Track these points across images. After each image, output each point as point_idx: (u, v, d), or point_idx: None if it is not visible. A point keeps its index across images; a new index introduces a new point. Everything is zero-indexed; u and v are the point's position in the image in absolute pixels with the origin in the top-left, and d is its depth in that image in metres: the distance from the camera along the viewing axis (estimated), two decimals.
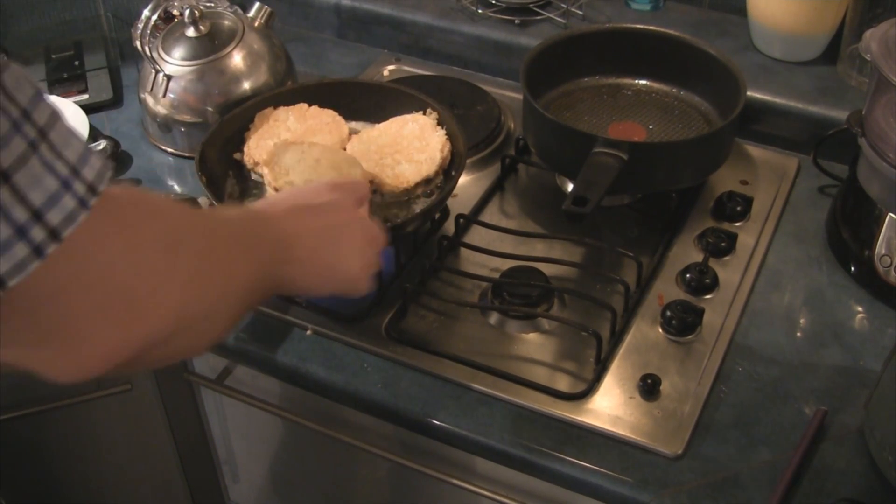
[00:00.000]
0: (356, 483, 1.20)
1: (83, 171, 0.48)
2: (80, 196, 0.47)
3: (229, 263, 0.61)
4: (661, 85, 1.24)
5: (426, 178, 1.05)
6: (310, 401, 1.01)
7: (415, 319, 1.01)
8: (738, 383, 0.93)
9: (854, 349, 0.96)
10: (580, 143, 1.04)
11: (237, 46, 1.20)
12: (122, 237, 0.51)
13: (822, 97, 1.20)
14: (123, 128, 1.30)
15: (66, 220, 0.46)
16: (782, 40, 1.25)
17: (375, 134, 1.11)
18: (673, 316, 0.97)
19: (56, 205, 0.46)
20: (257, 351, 1.00)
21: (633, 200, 1.14)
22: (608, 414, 0.90)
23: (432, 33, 1.40)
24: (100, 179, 0.49)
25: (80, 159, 0.48)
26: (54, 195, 0.46)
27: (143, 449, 1.25)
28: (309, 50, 1.45)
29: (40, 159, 0.45)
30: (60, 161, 0.46)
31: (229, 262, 0.61)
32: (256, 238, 0.68)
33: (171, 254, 0.54)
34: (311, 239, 0.73)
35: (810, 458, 0.85)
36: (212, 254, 0.59)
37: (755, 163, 1.20)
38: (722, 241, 1.06)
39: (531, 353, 0.96)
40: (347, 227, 0.77)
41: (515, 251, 1.05)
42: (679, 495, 0.83)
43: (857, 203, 1.04)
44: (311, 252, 0.73)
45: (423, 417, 0.92)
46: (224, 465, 1.31)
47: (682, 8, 1.38)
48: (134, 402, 1.17)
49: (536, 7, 1.37)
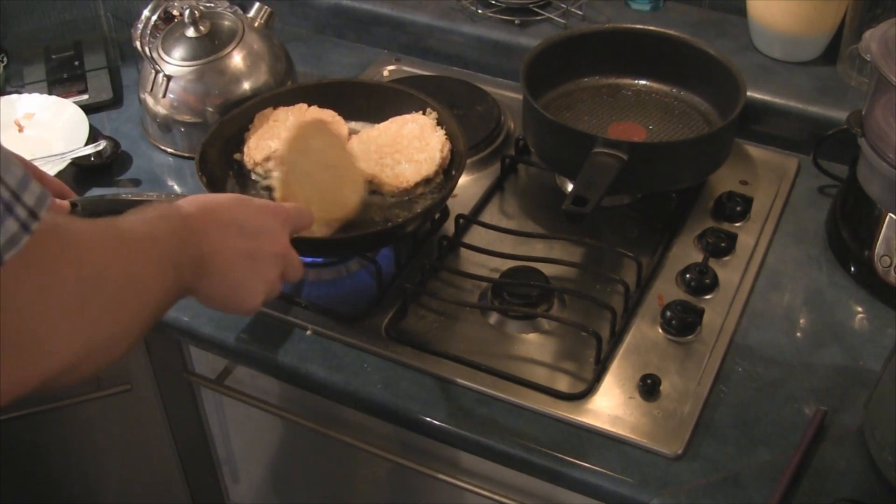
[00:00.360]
0: (356, 483, 1.20)
1: (23, 196, 0.48)
2: (23, 220, 0.48)
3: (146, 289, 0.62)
4: (661, 85, 1.24)
5: (426, 177, 1.05)
6: (310, 401, 1.02)
7: (415, 319, 1.01)
8: (738, 383, 0.93)
9: (854, 349, 0.96)
10: (580, 143, 1.04)
11: (237, 47, 1.20)
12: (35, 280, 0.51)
13: (821, 97, 1.20)
14: (123, 128, 1.30)
15: (8, 243, 0.47)
16: (782, 40, 1.25)
17: (375, 134, 1.11)
18: (673, 316, 0.97)
19: None
20: (257, 351, 1.00)
21: (633, 200, 1.14)
22: (608, 414, 0.90)
23: (432, 33, 1.40)
24: (40, 205, 0.49)
25: (20, 184, 0.48)
26: None
27: (143, 449, 1.25)
28: (309, 50, 1.45)
29: None
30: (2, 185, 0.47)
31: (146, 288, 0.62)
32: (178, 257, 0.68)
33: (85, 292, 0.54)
34: (230, 258, 0.74)
35: (810, 458, 0.85)
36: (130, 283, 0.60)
37: (755, 163, 1.20)
38: (722, 242, 1.06)
39: (531, 353, 0.96)
40: (268, 258, 0.78)
41: (515, 251, 1.05)
42: (679, 495, 0.83)
43: (856, 203, 1.04)
44: (224, 271, 0.74)
45: (423, 417, 0.92)
46: (224, 465, 1.31)
47: (682, 8, 1.38)
48: (134, 402, 1.17)
49: (536, 7, 1.37)
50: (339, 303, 1.03)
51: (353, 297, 1.03)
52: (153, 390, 1.17)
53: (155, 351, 1.13)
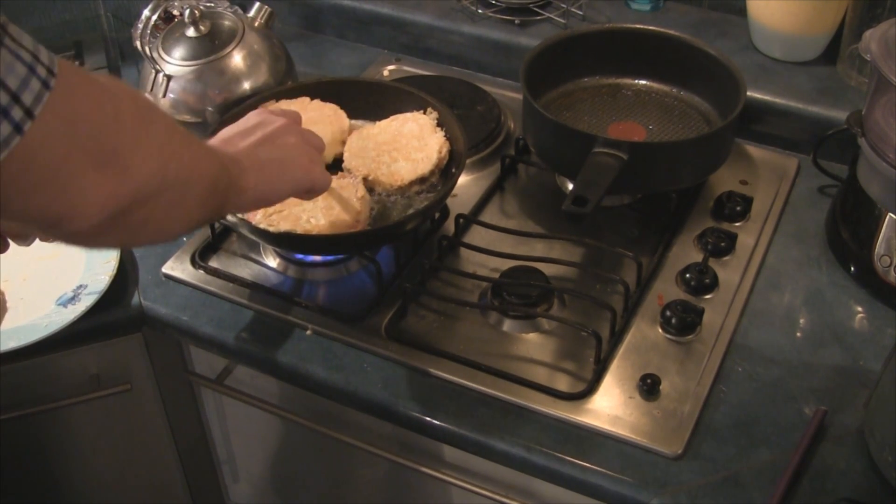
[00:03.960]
0: (356, 483, 1.21)
1: (41, 57, 0.55)
2: (43, 78, 0.55)
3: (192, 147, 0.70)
4: (661, 85, 1.24)
5: (421, 176, 1.05)
6: (310, 401, 1.02)
7: (415, 319, 1.01)
8: (737, 383, 0.93)
9: (854, 349, 0.96)
10: (580, 143, 1.04)
11: (237, 46, 1.20)
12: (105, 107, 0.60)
13: (822, 97, 1.20)
14: None
15: (35, 100, 0.54)
16: (782, 40, 1.25)
17: (375, 131, 1.11)
18: (673, 316, 0.97)
19: (27, 87, 0.54)
20: (257, 351, 1.00)
21: (633, 200, 1.14)
22: (608, 414, 0.90)
23: (432, 33, 1.40)
24: (53, 62, 0.56)
25: (35, 47, 0.55)
26: (25, 79, 0.53)
27: (143, 449, 1.25)
28: (309, 50, 1.45)
29: (8, 49, 0.53)
30: (23, 50, 0.54)
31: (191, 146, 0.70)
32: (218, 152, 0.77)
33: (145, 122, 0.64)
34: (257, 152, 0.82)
35: (810, 458, 0.85)
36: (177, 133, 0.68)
37: (755, 163, 1.20)
38: (722, 241, 1.06)
39: (531, 353, 0.96)
40: (280, 136, 0.86)
41: (515, 251, 1.05)
42: (679, 495, 0.83)
43: (856, 203, 1.04)
44: (260, 164, 0.82)
45: (422, 417, 0.92)
46: (224, 465, 1.31)
47: (682, 8, 1.38)
48: (134, 402, 1.17)
49: (536, 7, 1.37)
50: (339, 303, 1.03)
51: (353, 297, 1.03)
52: (153, 390, 1.17)
53: (155, 351, 1.13)
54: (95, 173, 0.59)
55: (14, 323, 1.01)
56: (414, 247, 1.08)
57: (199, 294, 1.05)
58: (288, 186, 0.85)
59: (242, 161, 0.79)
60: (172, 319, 1.03)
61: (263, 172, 0.81)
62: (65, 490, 1.26)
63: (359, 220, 1.00)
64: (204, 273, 1.06)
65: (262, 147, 0.84)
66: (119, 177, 0.61)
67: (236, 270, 1.07)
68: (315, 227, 0.99)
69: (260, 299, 1.03)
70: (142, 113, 0.64)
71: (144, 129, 0.63)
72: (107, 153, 0.60)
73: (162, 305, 1.04)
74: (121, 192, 0.61)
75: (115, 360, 1.12)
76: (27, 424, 1.14)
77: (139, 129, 0.63)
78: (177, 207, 0.68)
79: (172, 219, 0.69)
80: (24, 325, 1.01)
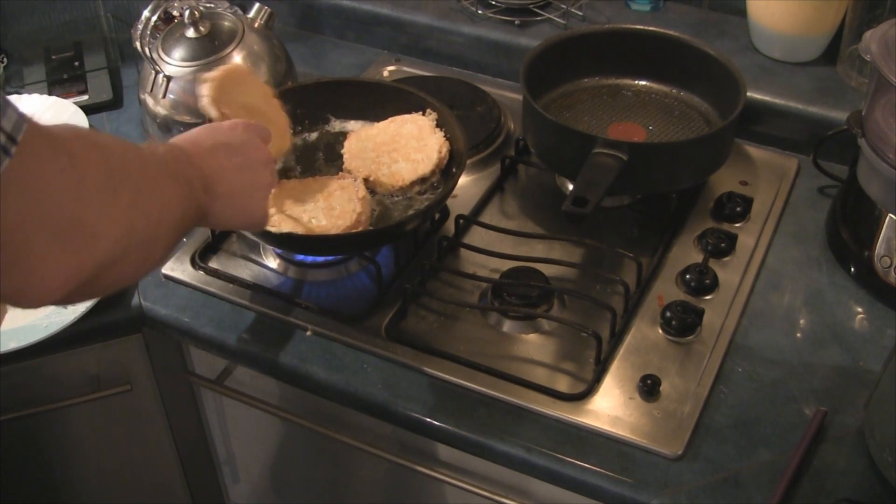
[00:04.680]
0: (355, 483, 1.21)
1: (1, 122, 0.53)
2: (2, 144, 0.52)
3: (163, 193, 0.68)
4: (661, 85, 1.24)
5: (422, 177, 1.05)
6: (310, 401, 1.02)
7: (415, 320, 1.01)
8: (738, 384, 0.93)
9: (854, 350, 0.96)
10: (580, 143, 1.04)
11: (237, 47, 1.20)
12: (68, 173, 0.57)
13: (821, 98, 1.20)
14: (123, 128, 1.30)
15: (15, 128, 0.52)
16: (782, 41, 1.25)
17: (374, 132, 1.11)
18: (673, 316, 0.97)
19: None
20: (257, 351, 1.00)
21: (633, 201, 1.14)
22: (608, 414, 0.90)
23: (432, 34, 1.40)
24: (17, 130, 0.54)
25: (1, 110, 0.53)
26: None
27: (143, 449, 1.25)
28: (309, 50, 1.45)
29: None
30: None
31: (163, 192, 0.68)
32: (184, 172, 0.74)
33: (113, 184, 0.61)
34: (229, 176, 0.80)
35: (810, 458, 0.85)
36: (148, 183, 0.66)
37: (755, 163, 1.20)
38: (722, 242, 1.06)
39: (531, 354, 0.96)
40: (259, 165, 0.84)
41: (515, 252, 1.05)
42: (679, 495, 0.83)
43: (856, 203, 1.04)
44: (230, 189, 0.80)
45: (422, 418, 0.92)
46: (224, 465, 1.31)
47: (682, 8, 1.38)
48: (134, 402, 1.17)
49: (536, 7, 1.37)
50: (339, 303, 1.03)
51: (353, 298, 1.03)
52: (153, 390, 1.17)
53: (155, 351, 1.13)
54: (57, 246, 0.57)
55: (14, 323, 1.01)
56: (414, 247, 1.08)
57: (199, 295, 1.05)
58: (242, 221, 0.85)
59: (216, 186, 0.78)
60: (172, 320, 1.03)
61: (229, 203, 0.80)
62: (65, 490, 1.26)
63: (360, 220, 1.00)
64: (204, 274, 1.06)
65: (240, 174, 0.81)
66: (82, 248, 0.58)
67: (236, 271, 1.07)
68: (316, 227, 0.99)
69: (260, 300, 1.03)
70: (112, 175, 0.61)
71: (111, 193, 0.61)
72: (70, 222, 0.57)
73: (162, 306, 1.04)
74: (84, 263, 0.59)
75: (116, 361, 1.12)
76: (27, 425, 1.14)
77: (105, 195, 0.60)
78: (144, 262, 0.67)
79: (140, 271, 0.68)
80: (24, 325, 1.01)
